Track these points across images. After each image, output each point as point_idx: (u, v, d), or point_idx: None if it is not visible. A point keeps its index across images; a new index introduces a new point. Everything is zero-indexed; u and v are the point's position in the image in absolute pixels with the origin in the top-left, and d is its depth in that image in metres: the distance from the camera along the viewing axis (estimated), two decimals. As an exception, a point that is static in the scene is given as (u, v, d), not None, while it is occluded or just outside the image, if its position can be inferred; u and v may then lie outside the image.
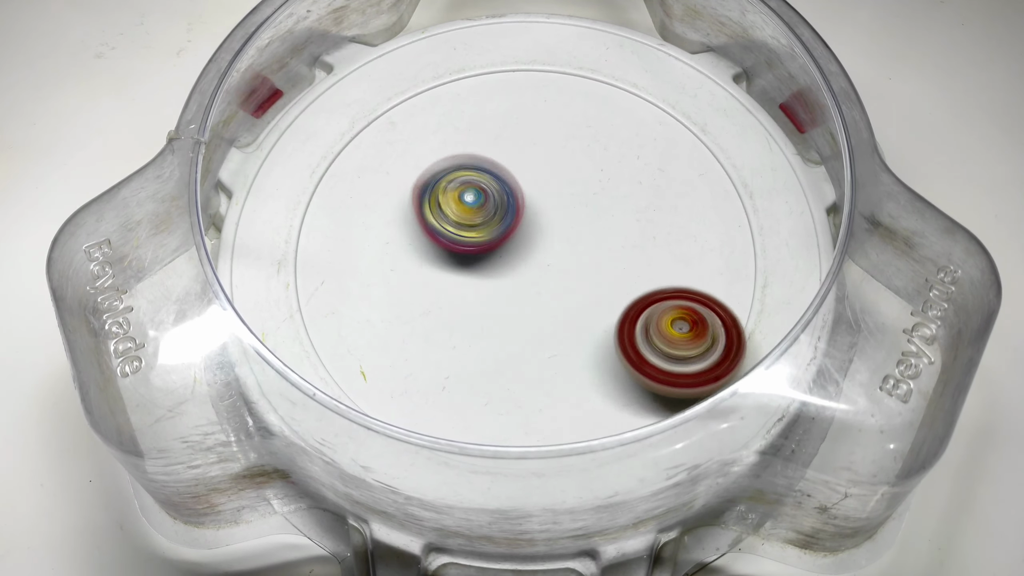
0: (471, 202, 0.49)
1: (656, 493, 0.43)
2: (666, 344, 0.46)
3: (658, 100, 0.55)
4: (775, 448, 0.44)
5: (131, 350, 0.45)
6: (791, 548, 0.49)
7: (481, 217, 0.49)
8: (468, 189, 0.49)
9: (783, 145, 0.53)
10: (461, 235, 0.49)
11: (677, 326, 0.46)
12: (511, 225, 0.50)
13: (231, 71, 0.51)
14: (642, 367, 0.46)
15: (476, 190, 0.49)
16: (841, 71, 0.51)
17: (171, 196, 0.48)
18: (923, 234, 0.47)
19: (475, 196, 0.49)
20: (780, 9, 0.53)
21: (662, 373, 0.46)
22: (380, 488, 0.43)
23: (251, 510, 0.49)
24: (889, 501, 0.45)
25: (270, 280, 0.49)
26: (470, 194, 0.49)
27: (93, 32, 0.67)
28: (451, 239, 0.49)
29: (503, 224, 0.50)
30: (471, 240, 0.49)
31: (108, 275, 0.47)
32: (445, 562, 0.47)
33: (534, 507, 0.43)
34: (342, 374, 0.47)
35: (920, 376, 0.44)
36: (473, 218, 0.49)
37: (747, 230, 0.51)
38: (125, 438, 0.44)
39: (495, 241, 0.50)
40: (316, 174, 0.52)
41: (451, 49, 0.57)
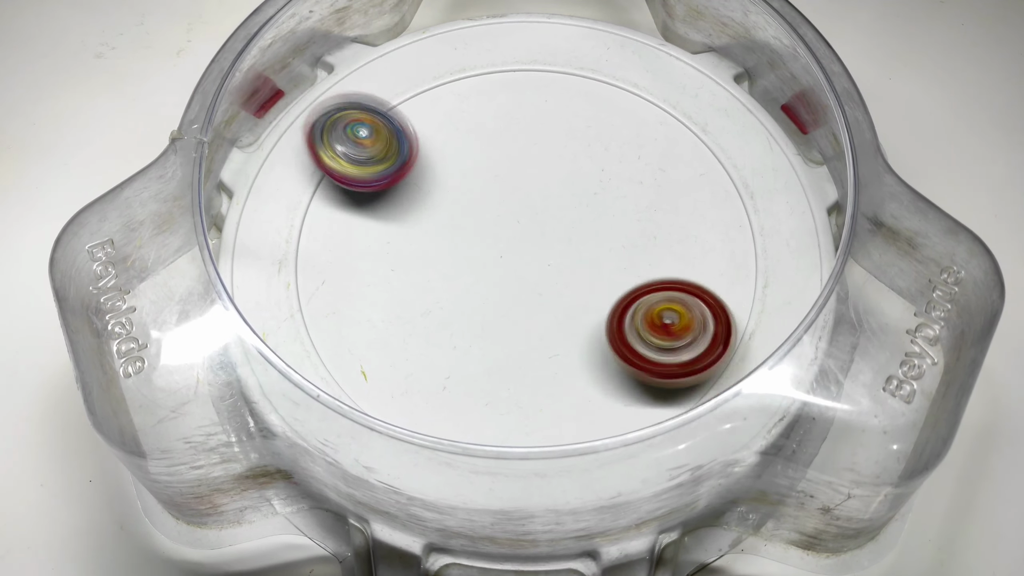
0: (364, 136, 0.51)
1: (659, 494, 0.43)
2: (653, 334, 0.46)
3: (659, 100, 0.55)
4: (777, 448, 0.44)
5: (134, 350, 0.45)
6: (793, 549, 0.49)
7: (372, 152, 0.51)
8: (359, 125, 0.51)
9: (784, 145, 0.53)
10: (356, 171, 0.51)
11: (665, 316, 0.46)
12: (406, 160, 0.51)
13: (233, 71, 0.51)
14: (631, 358, 0.46)
15: (367, 124, 0.51)
16: (844, 71, 0.51)
17: (174, 196, 0.48)
18: (926, 234, 0.47)
19: (368, 131, 0.51)
20: (783, 9, 0.53)
21: (651, 363, 0.46)
22: (382, 489, 0.43)
23: (253, 510, 0.49)
24: (892, 502, 0.45)
25: (271, 280, 0.49)
26: (363, 129, 0.51)
27: (93, 32, 0.67)
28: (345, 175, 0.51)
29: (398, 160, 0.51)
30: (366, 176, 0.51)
31: (111, 275, 0.46)
32: (447, 563, 0.47)
33: (536, 508, 0.43)
34: (343, 374, 0.47)
35: (923, 377, 0.44)
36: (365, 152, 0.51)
37: (748, 230, 0.51)
38: (128, 439, 0.44)
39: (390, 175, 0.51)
40: (317, 174, 0.52)
41: (452, 49, 0.57)
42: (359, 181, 0.51)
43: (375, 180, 0.51)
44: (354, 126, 0.51)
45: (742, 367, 0.47)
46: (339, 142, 0.50)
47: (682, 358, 0.46)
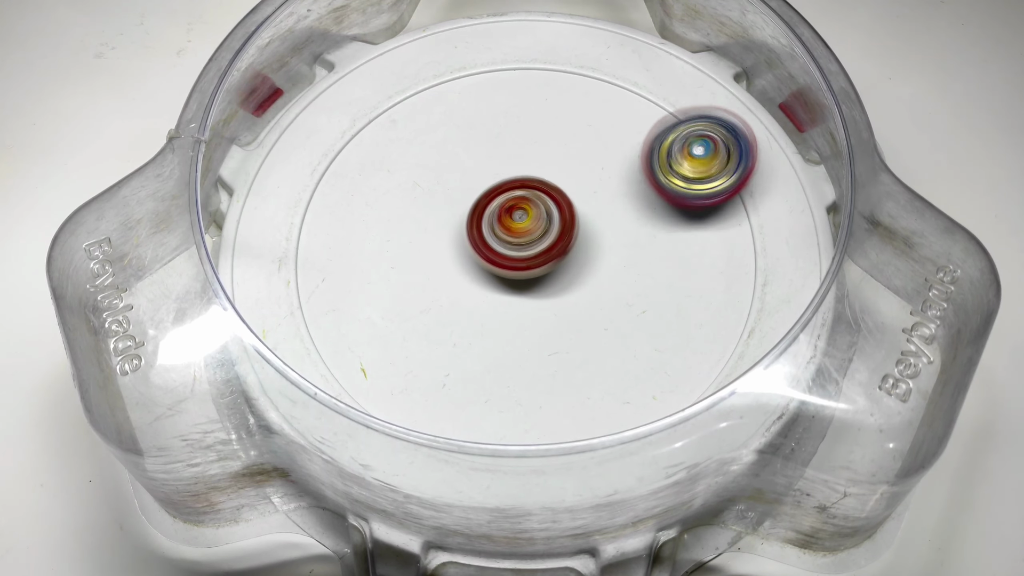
0: (701, 154, 0.50)
1: (655, 492, 0.43)
2: (508, 233, 0.48)
3: (659, 99, 0.55)
4: (774, 447, 0.44)
5: (131, 348, 0.45)
6: (790, 547, 0.49)
7: (715, 167, 0.50)
8: (696, 141, 0.50)
9: (783, 144, 0.53)
10: (697, 189, 0.50)
11: (516, 215, 0.49)
12: (749, 167, 0.50)
13: (231, 70, 0.51)
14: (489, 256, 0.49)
15: (705, 140, 0.50)
16: (841, 71, 0.51)
17: (171, 195, 0.48)
18: (922, 234, 0.47)
19: (704, 147, 0.50)
20: (780, 9, 0.53)
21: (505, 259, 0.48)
22: (379, 486, 0.43)
23: (251, 508, 0.49)
24: (888, 500, 0.45)
25: (271, 277, 0.50)
26: (699, 146, 0.50)
27: (93, 32, 0.67)
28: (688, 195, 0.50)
29: (740, 169, 0.50)
30: (710, 191, 0.50)
31: (108, 273, 0.47)
32: (444, 560, 0.47)
33: (533, 505, 0.43)
34: (342, 371, 0.47)
35: (919, 375, 0.44)
36: (707, 170, 0.50)
37: (747, 229, 0.51)
38: (125, 436, 0.44)
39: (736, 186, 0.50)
40: (317, 172, 0.53)
41: (452, 47, 0.57)
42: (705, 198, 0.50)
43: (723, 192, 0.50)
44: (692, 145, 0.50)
45: (740, 365, 0.47)
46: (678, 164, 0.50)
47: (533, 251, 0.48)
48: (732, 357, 0.47)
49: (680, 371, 0.47)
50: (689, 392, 0.46)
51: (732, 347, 0.48)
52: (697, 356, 0.47)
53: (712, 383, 0.47)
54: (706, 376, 0.47)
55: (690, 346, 0.48)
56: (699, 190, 0.50)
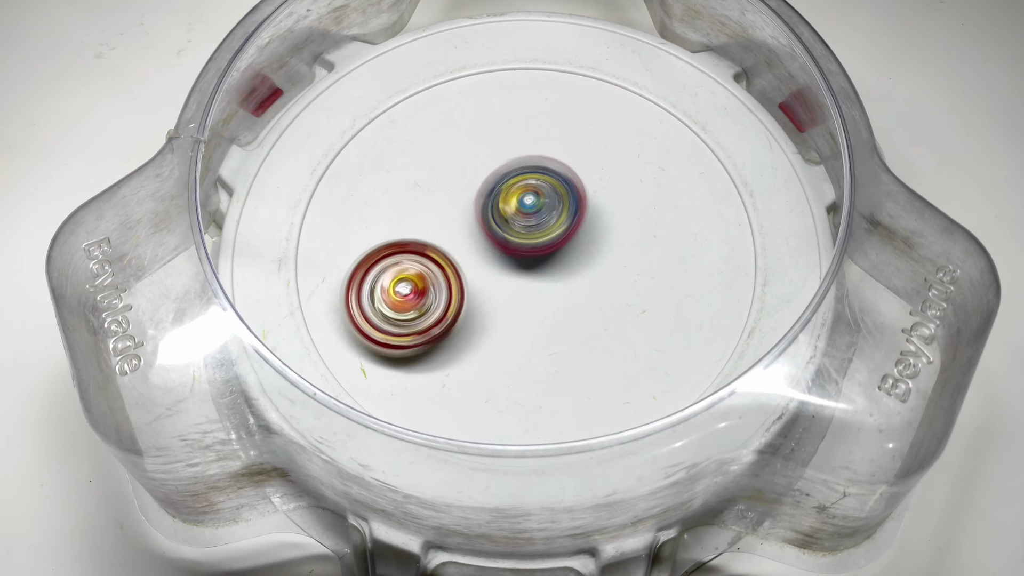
0: (530, 205, 0.49)
1: (655, 492, 0.43)
2: (392, 309, 0.47)
3: (659, 99, 0.55)
4: (774, 447, 0.44)
5: (130, 348, 0.45)
6: (790, 547, 0.49)
7: (539, 219, 0.49)
8: (526, 192, 0.49)
9: (783, 144, 0.53)
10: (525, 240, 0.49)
11: (399, 288, 0.48)
12: (575, 221, 0.50)
13: (231, 70, 0.51)
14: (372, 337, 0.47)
15: (533, 193, 0.49)
16: (841, 71, 0.51)
17: (171, 195, 0.48)
18: (922, 234, 0.47)
19: (533, 199, 0.49)
20: (780, 9, 0.53)
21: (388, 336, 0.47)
22: (379, 487, 0.43)
23: (250, 508, 0.49)
24: (888, 500, 0.45)
25: (271, 277, 0.50)
26: (529, 197, 0.49)
27: (93, 32, 0.67)
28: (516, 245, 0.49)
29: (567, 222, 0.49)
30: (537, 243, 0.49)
31: (107, 273, 0.47)
32: (444, 560, 0.47)
33: (533, 505, 0.43)
34: (342, 371, 0.47)
35: (919, 376, 0.44)
36: (531, 220, 0.49)
37: (747, 229, 0.51)
38: (124, 436, 0.44)
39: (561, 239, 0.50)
40: (317, 172, 0.53)
41: (452, 47, 0.57)
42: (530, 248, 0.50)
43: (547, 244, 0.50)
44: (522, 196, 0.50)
45: (740, 365, 0.47)
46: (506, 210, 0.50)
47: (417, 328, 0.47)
48: (732, 357, 0.47)
49: (680, 371, 0.47)
50: (689, 392, 0.46)
51: (732, 347, 0.48)
52: (697, 356, 0.47)
53: (712, 383, 0.47)
54: (706, 376, 0.47)
55: (690, 346, 0.48)
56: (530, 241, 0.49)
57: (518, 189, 0.50)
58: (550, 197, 0.49)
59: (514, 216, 0.49)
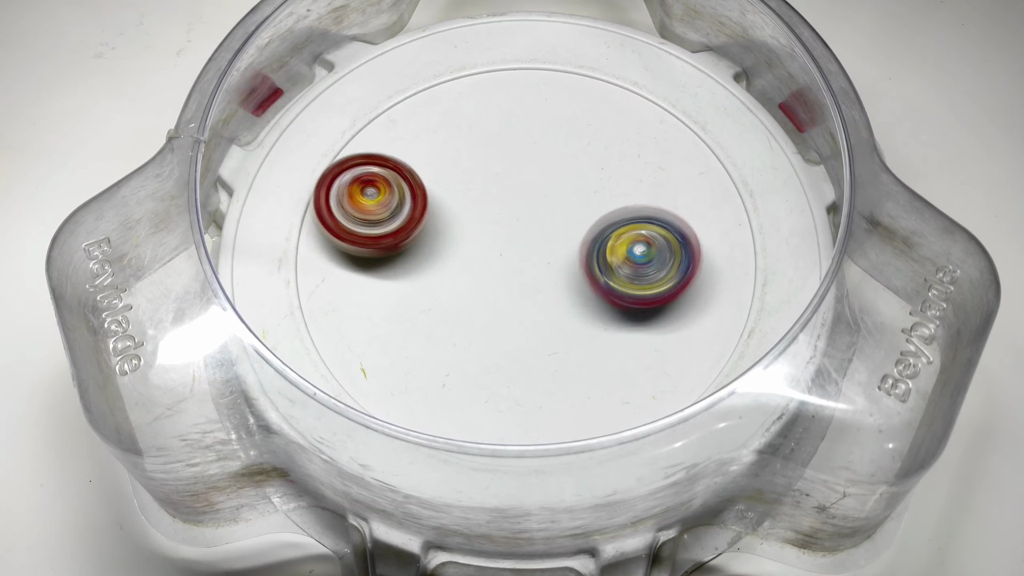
0: (640, 256, 0.47)
1: (654, 492, 0.43)
2: (360, 211, 0.49)
3: (658, 99, 0.55)
4: (774, 447, 0.44)
5: (130, 348, 0.45)
6: (790, 548, 0.49)
7: (651, 269, 0.48)
8: (637, 242, 0.48)
9: (783, 144, 0.53)
10: (633, 291, 0.48)
11: (366, 193, 0.49)
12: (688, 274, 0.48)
13: (231, 70, 0.51)
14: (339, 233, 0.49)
15: (644, 243, 0.48)
16: (840, 71, 0.51)
17: (171, 195, 0.48)
18: (922, 234, 0.47)
19: (644, 249, 0.47)
20: (780, 9, 0.53)
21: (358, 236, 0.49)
22: (379, 486, 0.43)
23: (250, 508, 0.49)
24: (888, 501, 0.45)
25: (271, 277, 0.49)
26: (639, 247, 0.47)
27: (93, 32, 0.67)
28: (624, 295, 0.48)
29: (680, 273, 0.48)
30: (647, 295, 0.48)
31: (107, 273, 0.47)
32: (444, 560, 0.47)
33: (533, 505, 0.43)
34: (342, 371, 0.47)
35: (919, 376, 0.44)
36: (641, 270, 0.48)
37: (747, 229, 0.51)
38: (124, 436, 0.44)
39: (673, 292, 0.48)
40: (317, 172, 0.52)
41: (452, 47, 0.57)
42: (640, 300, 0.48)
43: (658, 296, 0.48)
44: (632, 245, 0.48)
45: (740, 365, 0.47)
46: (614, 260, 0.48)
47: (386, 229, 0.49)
48: (732, 357, 0.47)
49: (680, 371, 0.47)
50: (689, 392, 0.46)
51: (732, 347, 0.48)
52: (697, 356, 0.47)
53: (712, 383, 0.47)
54: (706, 376, 0.47)
55: (690, 346, 0.48)
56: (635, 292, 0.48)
57: (628, 239, 0.48)
58: (661, 250, 0.48)
59: (621, 265, 0.47)
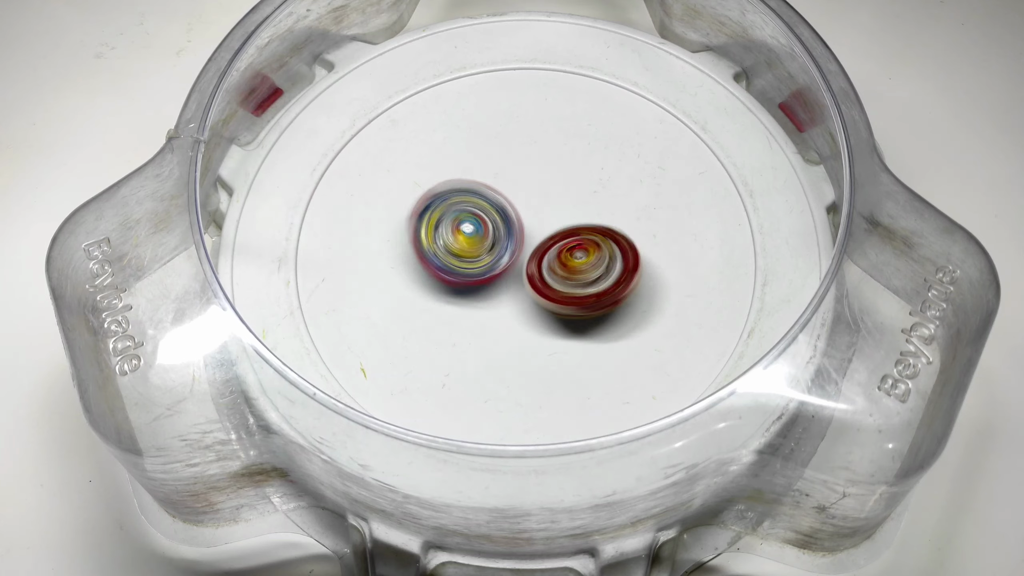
0: (470, 233, 0.49)
1: (654, 492, 0.43)
2: (567, 272, 0.48)
3: (658, 99, 0.55)
4: (773, 447, 0.44)
5: (130, 348, 0.45)
6: (789, 548, 0.49)
7: (480, 249, 0.49)
8: (467, 218, 0.49)
9: (783, 144, 0.53)
10: (460, 266, 0.49)
11: (576, 255, 0.48)
12: (512, 257, 0.49)
13: (231, 70, 0.51)
14: (547, 293, 0.48)
15: (475, 219, 0.49)
16: (840, 71, 0.51)
17: (170, 195, 0.48)
18: (922, 234, 0.47)
19: (474, 226, 0.49)
20: (780, 9, 0.53)
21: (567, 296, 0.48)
22: (378, 486, 0.43)
23: (250, 508, 0.49)
24: (887, 501, 0.45)
25: (271, 277, 0.50)
26: (468, 224, 0.49)
27: (93, 32, 0.67)
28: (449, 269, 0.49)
29: (500, 255, 0.49)
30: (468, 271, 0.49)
31: (107, 273, 0.47)
32: (444, 560, 0.47)
33: (532, 506, 0.43)
34: (342, 371, 0.47)
35: (918, 376, 0.44)
36: (473, 250, 0.49)
37: (747, 229, 0.51)
38: (124, 436, 0.44)
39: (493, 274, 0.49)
40: (317, 172, 0.53)
41: (452, 47, 0.57)
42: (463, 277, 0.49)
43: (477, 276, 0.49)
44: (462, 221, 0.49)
45: (740, 365, 0.47)
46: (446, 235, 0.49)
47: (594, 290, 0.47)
48: (732, 357, 0.47)
49: (680, 371, 0.47)
50: (689, 392, 0.46)
51: (732, 347, 0.48)
52: (697, 356, 0.47)
53: (712, 383, 0.47)
54: (706, 376, 0.47)
55: (690, 346, 0.48)
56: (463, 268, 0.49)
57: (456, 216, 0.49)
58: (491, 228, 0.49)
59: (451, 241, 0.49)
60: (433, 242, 0.49)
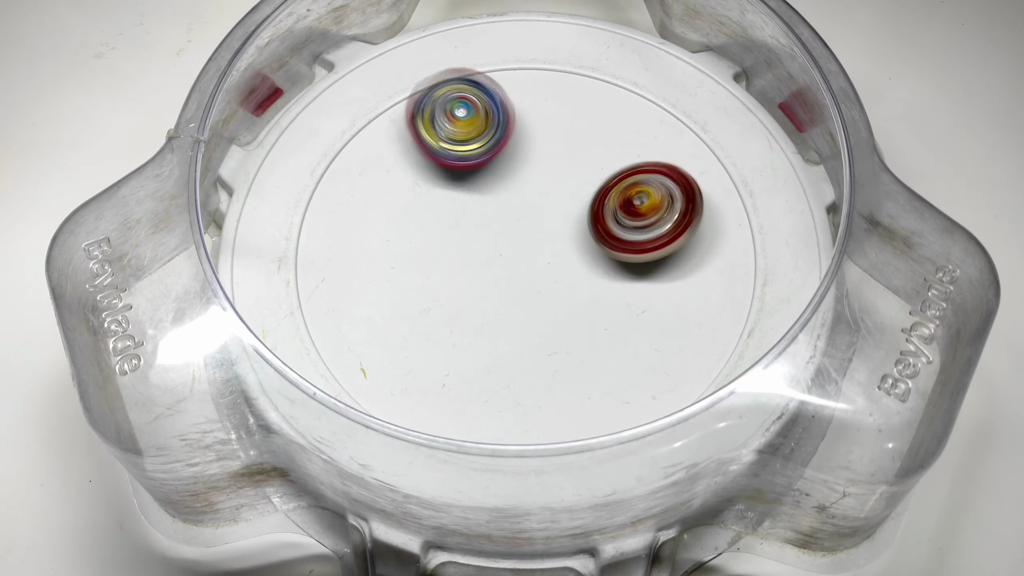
0: (463, 116, 0.51)
1: (654, 492, 0.43)
2: (629, 217, 0.49)
3: (658, 99, 0.55)
4: (773, 447, 0.44)
5: (130, 348, 0.45)
6: (789, 547, 0.49)
7: (473, 131, 0.52)
8: (459, 103, 0.52)
9: (783, 144, 0.53)
10: (455, 150, 0.52)
11: (637, 199, 0.49)
12: (503, 138, 0.52)
13: (231, 70, 0.51)
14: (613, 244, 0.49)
15: (466, 103, 0.51)
16: (840, 71, 0.51)
17: (170, 194, 0.48)
18: (922, 234, 0.47)
19: (466, 110, 0.51)
20: (779, 9, 0.53)
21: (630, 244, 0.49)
22: (379, 486, 0.43)
23: (250, 508, 0.49)
24: (887, 500, 0.45)
25: (271, 277, 0.50)
26: (461, 108, 0.51)
27: (93, 32, 0.67)
28: (446, 155, 0.52)
29: (494, 137, 0.52)
30: (465, 154, 0.52)
31: (107, 273, 0.47)
32: (444, 560, 0.47)
33: (532, 505, 0.43)
34: (342, 371, 0.47)
35: (918, 375, 0.44)
36: (466, 132, 0.52)
37: (747, 229, 0.51)
38: (124, 436, 0.44)
39: (488, 155, 0.52)
40: (317, 172, 0.53)
41: (452, 48, 0.57)
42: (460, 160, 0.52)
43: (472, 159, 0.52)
44: (454, 105, 0.52)
45: (740, 365, 0.47)
46: (440, 122, 0.52)
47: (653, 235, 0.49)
48: (732, 357, 0.47)
49: (680, 371, 0.47)
50: (689, 392, 0.46)
51: (732, 347, 0.48)
52: (697, 356, 0.47)
53: (712, 383, 0.47)
54: (706, 376, 0.47)
55: (690, 346, 0.48)
56: (458, 151, 0.52)
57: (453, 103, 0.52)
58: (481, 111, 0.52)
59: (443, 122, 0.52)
60: (437, 137, 0.52)
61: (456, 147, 0.51)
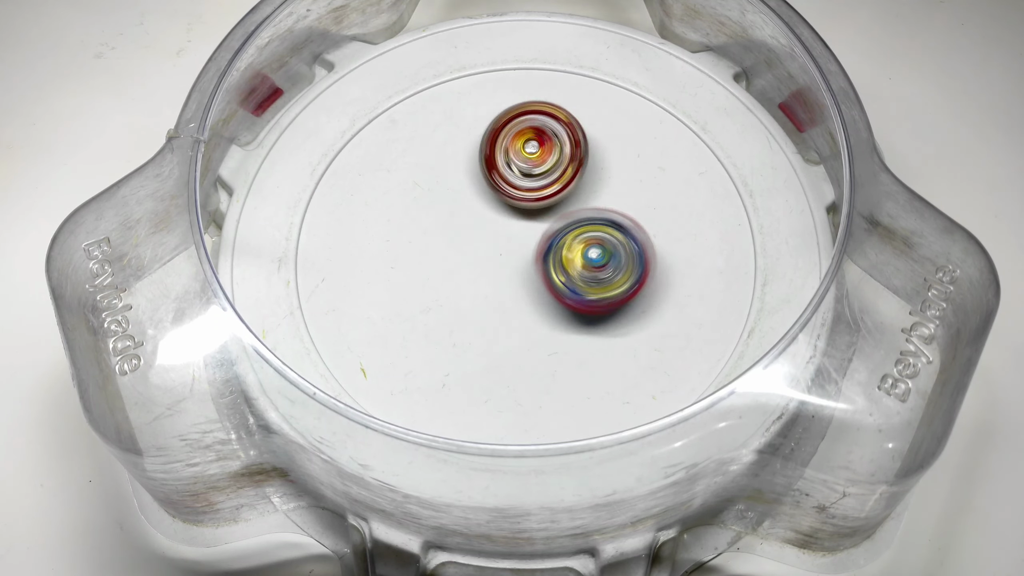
0: (596, 259, 0.47)
1: (654, 492, 0.43)
2: (525, 163, 0.50)
3: (658, 99, 0.55)
4: (773, 447, 0.44)
5: (130, 348, 0.45)
6: (789, 547, 0.49)
7: (607, 274, 0.48)
8: (592, 245, 0.48)
9: (783, 144, 0.53)
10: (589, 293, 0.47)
11: (528, 147, 0.50)
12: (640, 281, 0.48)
13: (231, 70, 0.51)
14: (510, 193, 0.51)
15: (600, 246, 0.48)
16: (840, 71, 0.51)
17: (170, 194, 0.48)
18: (922, 234, 0.47)
19: (600, 253, 0.48)
20: (779, 9, 0.53)
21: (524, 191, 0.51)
22: (379, 486, 0.44)
23: (250, 508, 0.49)
24: (887, 500, 0.45)
25: (271, 277, 0.50)
26: (595, 251, 0.48)
27: (93, 32, 0.67)
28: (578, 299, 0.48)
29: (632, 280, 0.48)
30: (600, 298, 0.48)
31: (107, 273, 0.47)
32: (444, 560, 0.47)
33: (532, 505, 0.43)
34: (342, 371, 0.47)
35: (918, 375, 0.44)
36: (599, 275, 0.48)
37: (747, 229, 0.51)
38: (124, 436, 0.44)
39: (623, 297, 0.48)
40: (317, 172, 0.53)
41: (452, 47, 0.57)
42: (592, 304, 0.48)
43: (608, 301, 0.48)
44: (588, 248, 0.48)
45: (740, 365, 0.47)
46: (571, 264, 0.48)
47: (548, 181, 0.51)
48: (732, 357, 0.47)
49: (680, 371, 0.47)
50: (689, 392, 0.46)
51: (732, 347, 0.48)
52: (697, 356, 0.47)
53: (712, 383, 0.47)
54: (706, 376, 0.47)
55: (690, 346, 0.48)
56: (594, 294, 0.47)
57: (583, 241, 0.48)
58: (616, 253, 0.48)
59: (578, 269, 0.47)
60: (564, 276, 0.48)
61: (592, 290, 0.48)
